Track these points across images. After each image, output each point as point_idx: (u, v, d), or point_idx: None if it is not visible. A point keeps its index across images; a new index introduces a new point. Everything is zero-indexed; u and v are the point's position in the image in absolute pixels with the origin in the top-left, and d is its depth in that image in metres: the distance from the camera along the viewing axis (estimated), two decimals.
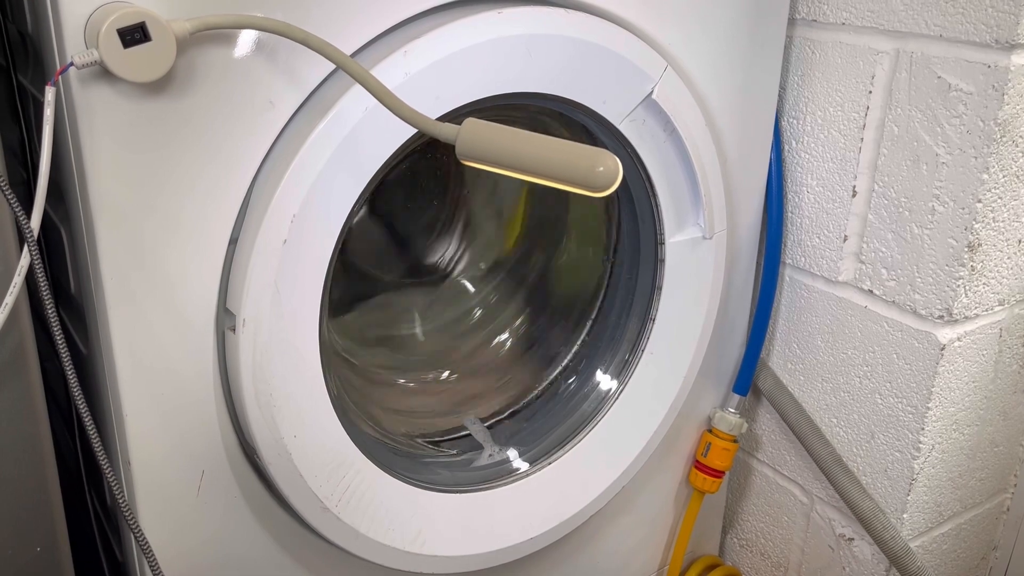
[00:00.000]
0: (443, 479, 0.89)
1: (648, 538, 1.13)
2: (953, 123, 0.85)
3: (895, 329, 0.95)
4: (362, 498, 0.80)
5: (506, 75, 0.74)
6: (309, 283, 0.72)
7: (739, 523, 1.23)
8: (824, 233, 1.00)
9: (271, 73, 0.66)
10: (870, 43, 0.91)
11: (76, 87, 0.60)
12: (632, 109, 0.82)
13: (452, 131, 0.62)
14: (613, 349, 0.97)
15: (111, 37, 0.57)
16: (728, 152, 0.94)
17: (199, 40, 0.62)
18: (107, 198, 0.64)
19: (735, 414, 1.07)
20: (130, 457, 0.72)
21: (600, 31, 0.78)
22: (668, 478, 1.10)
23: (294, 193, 0.68)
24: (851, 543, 1.06)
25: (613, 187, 0.56)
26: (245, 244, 0.69)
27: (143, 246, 0.66)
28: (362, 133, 0.69)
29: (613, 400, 0.95)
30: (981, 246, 0.88)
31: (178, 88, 0.63)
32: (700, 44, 0.87)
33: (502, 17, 0.73)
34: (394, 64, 0.69)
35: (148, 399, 0.71)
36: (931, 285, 0.91)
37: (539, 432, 0.97)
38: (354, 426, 0.81)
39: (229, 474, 0.77)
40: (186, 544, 0.77)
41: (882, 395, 0.98)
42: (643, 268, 0.94)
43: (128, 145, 0.63)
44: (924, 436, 0.96)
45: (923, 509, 1.01)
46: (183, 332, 0.70)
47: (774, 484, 1.15)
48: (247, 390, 0.71)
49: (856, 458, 1.02)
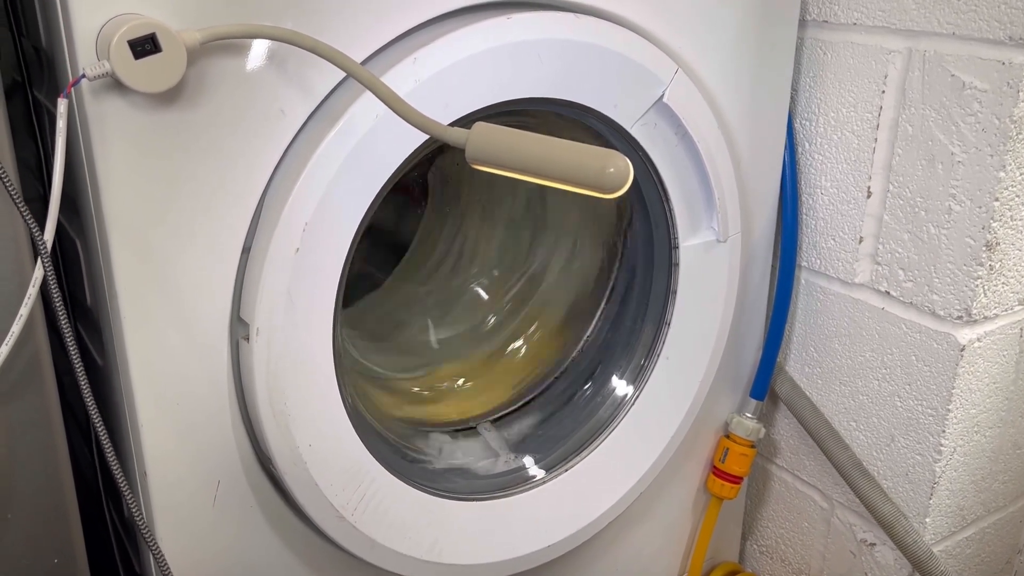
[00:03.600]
0: (459, 487, 0.88)
1: (666, 545, 1.12)
2: (968, 121, 0.85)
3: (913, 331, 0.94)
4: (378, 507, 0.80)
5: (516, 80, 0.74)
6: (322, 291, 0.72)
7: (759, 529, 1.22)
8: (839, 235, 0.99)
9: (281, 82, 0.66)
10: (882, 43, 0.91)
11: (88, 99, 0.60)
12: (643, 113, 0.82)
13: (462, 135, 0.62)
14: (628, 354, 0.97)
15: (122, 48, 0.57)
16: (741, 154, 0.94)
17: (209, 50, 0.63)
18: (120, 209, 0.64)
19: (752, 419, 1.06)
20: (146, 468, 0.72)
21: (610, 35, 0.78)
22: (686, 484, 1.09)
23: (306, 201, 0.68)
24: (873, 548, 1.05)
25: (624, 188, 0.56)
26: (258, 253, 0.69)
27: (156, 256, 0.67)
28: (373, 140, 0.69)
29: (629, 406, 0.95)
30: (999, 245, 0.87)
31: (189, 98, 0.63)
32: (710, 47, 0.87)
33: (511, 23, 0.73)
34: (404, 71, 0.69)
35: (163, 409, 0.71)
36: (949, 285, 0.90)
37: (555, 439, 0.96)
38: (369, 434, 0.81)
39: (245, 484, 0.77)
40: (203, 554, 0.77)
41: (901, 398, 0.97)
42: (657, 272, 0.93)
43: (140, 155, 0.63)
44: (945, 439, 0.95)
45: (946, 513, 0.99)
46: (197, 342, 0.70)
47: (793, 489, 1.14)
48: (261, 399, 0.71)
49: (876, 462, 1.01)
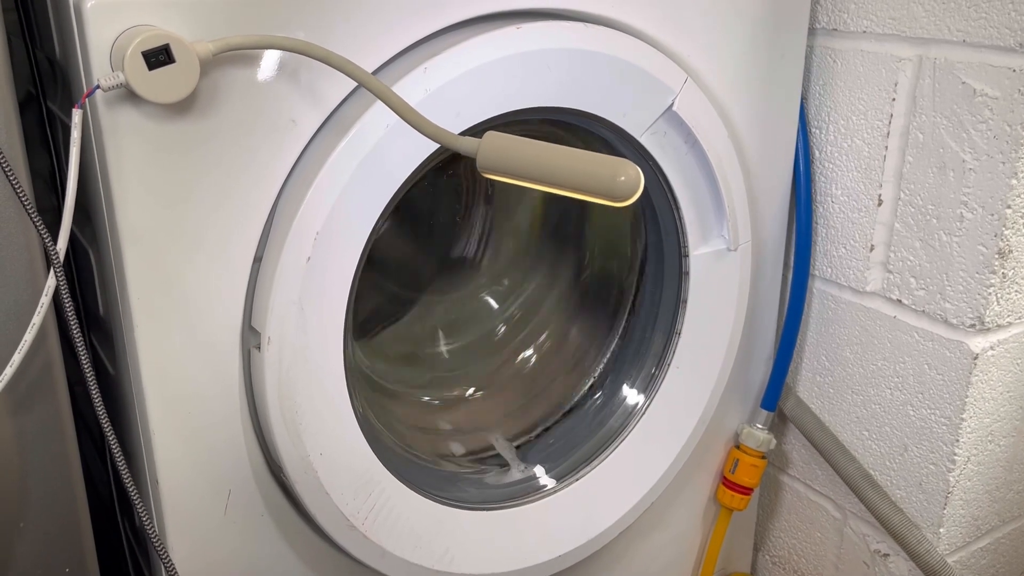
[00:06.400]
0: (470, 496, 0.88)
1: (677, 556, 1.11)
2: (979, 128, 0.84)
3: (926, 339, 0.94)
4: (388, 515, 0.80)
5: (526, 90, 0.75)
6: (333, 300, 0.72)
7: (771, 540, 1.21)
8: (850, 243, 0.99)
9: (293, 92, 0.67)
10: (892, 50, 0.91)
11: (103, 110, 0.61)
12: (653, 121, 0.82)
13: (473, 144, 0.63)
14: (639, 363, 0.96)
15: (136, 60, 0.58)
16: (751, 163, 0.94)
17: (222, 61, 0.63)
18: (133, 218, 0.65)
19: (763, 430, 1.06)
20: (158, 477, 0.72)
21: (619, 44, 0.78)
22: (696, 495, 1.08)
23: (317, 210, 0.68)
24: (887, 559, 1.04)
25: (635, 196, 0.56)
26: (269, 262, 0.70)
27: (169, 266, 0.67)
28: (384, 149, 0.69)
29: (640, 415, 0.94)
30: (1012, 252, 0.86)
31: (202, 108, 0.64)
32: (720, 55, 0.87)
33: (521, 33, 0.73)
34: (414, 81, 0.69)
35: (175, 418, 0.71)
36: (961, 293, 0.89)
37: (566, 448, 0.96)
38: (380, 443, 0.81)
39: (256, 492, 0.77)
40: (213, 563, 0.77)
41: (914, 407, 0.96)
42: (668, 281, 0.93)
43: (153, 166, 0.64)
44: (959, 448, 0.94)
45: (960, 523, 0.99)
46: (209, 351, 0.71)
47: (806, 499, 1.13)
48: (273, 408, 0.71)
49: (889, 472, 1.01)
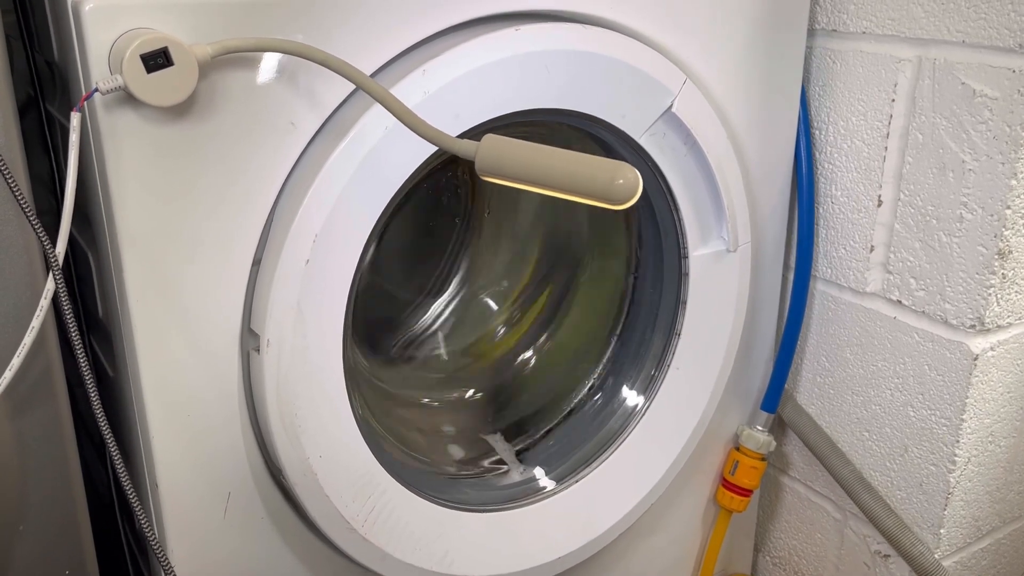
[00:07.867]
0: (469, 498, 0.88)
1: (677, 558, 1.11)
2: (979, 129, 0.84)
3: (926, 340, 0.93)
4: (388, 518, 0.80)
5: (525, 92, 0.75)
6: (332, 303, 0.72)
7: (771, 541, 1.21)
8: (850, 244, 0.99)
9: (292, 95, 0.67)
10: (892, 51, 0.91)
11: (101, 113, 0.61)
12: (652, 123, 0.82)
13: (471, 147, 0.63)
14: (639, 365, 0.96)
15: (135, 62, 0.58)
16: (750, 164, 0.93)
17: (220, 64, 0.63)
18: (132, 221, 0.65)
19: (763, 432, 1.06)
20: (157, 479, 0.72)
21: (618, 46, 0.78)
22: (696, 496, 1.08)
23: (316, 213, 0.68)
24: (887, 560, 1.04)
25: (633, 199, 0.56)
26: (268, 265, 0.70)
27: (168, 268, 0.67)
28: (382, 152, 0.69)
29: (640, 416, 0.94)
30: (1012, 253, 0.86)
31: (200, 111, 0.64)
32: (719, 56, 0.87)
33: (519, 34, 0.73)
34: (413, 83, 0.69)
35: (174, 420, 0.71)
36: (961, 294, 0.89)
37: (565, 450, 0.96)
38: (379, 445, 0.81)
39: (255, 495, 0.77)
40: (213, 565, 0.77)
41: (914, 408, 0.96)
42: (667, 282, 0.93)
43: (152, 168, 0.64)
44: (959, 449, 0.94)
45: (960, 524, 0.98)
46: (208, 353, 0.71)
47: (806, 500, 1.13)
48: (272, 410, 0.71)
49: (890, 472, 1.00)
